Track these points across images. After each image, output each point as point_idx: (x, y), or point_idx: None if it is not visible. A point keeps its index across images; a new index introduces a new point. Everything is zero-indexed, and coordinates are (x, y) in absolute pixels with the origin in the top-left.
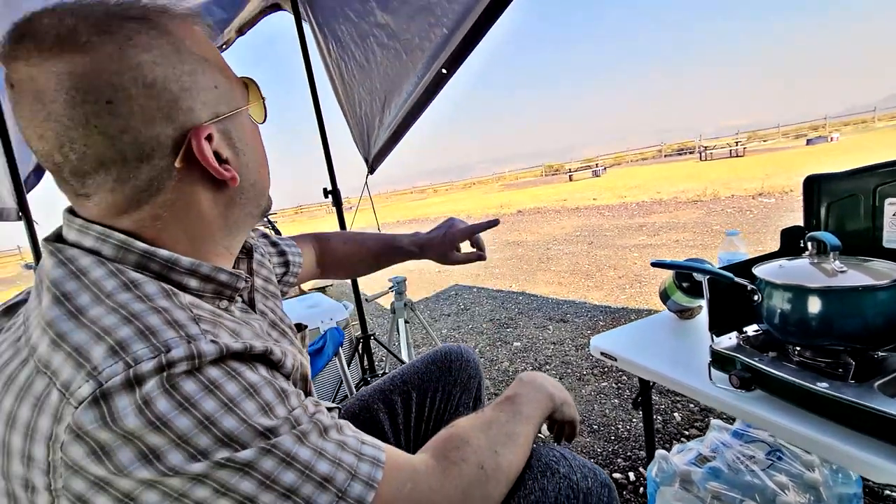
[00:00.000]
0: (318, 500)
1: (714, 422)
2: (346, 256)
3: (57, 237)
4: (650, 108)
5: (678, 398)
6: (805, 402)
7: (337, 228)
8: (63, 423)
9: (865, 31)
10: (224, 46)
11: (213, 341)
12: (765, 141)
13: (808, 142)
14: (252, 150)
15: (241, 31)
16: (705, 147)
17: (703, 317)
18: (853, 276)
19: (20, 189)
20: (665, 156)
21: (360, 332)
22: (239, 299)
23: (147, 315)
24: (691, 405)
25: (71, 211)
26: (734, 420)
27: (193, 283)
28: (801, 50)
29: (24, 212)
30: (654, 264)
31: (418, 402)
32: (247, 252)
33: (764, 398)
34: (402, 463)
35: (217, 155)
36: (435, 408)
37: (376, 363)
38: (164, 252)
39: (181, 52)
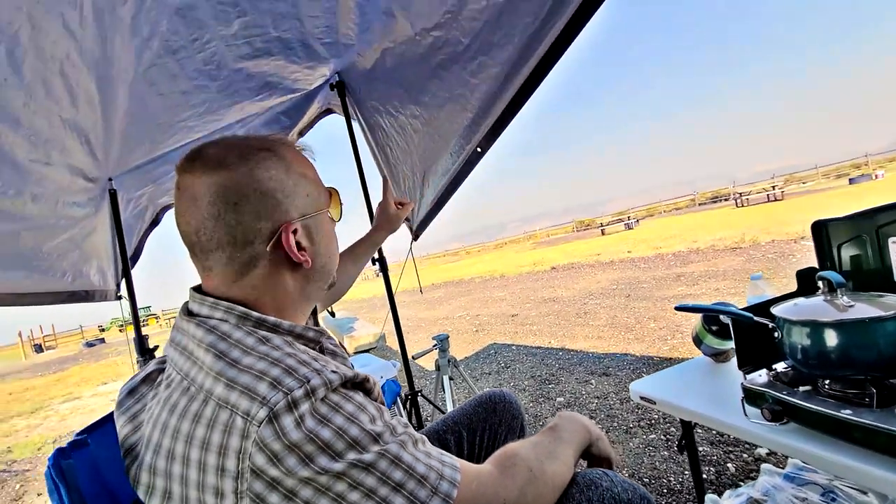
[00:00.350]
0: (418, 494)
1: (764, 466)
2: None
3: (188, 312)
4: (679, 158)
5: (731, 448)
6: (833, 429)
7: (384, 291)
8: (250, 439)
9: None
10: None
11: (333, 371)
12: (804, 183)
13: (851, 181)
14: (326, 241)
15: (301, 134)
16: (740, 193)
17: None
18: (861, 309)
19: (129, 275)
20: (699, 204)
21: (407, 390)
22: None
23: (284, 359)
24: (745, 455)
25: (196, 289)
26: (785, 464)
27: (291, 338)
28: (835, 89)
29: (129, 290)
30: (678, 308)
31: (469, 440)
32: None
33: (796, 430)
34: (470, 469)
35: (298, 243)
36: (484, 446)
37: (424, 419)
38: (271, 318)
39: (289, 170)
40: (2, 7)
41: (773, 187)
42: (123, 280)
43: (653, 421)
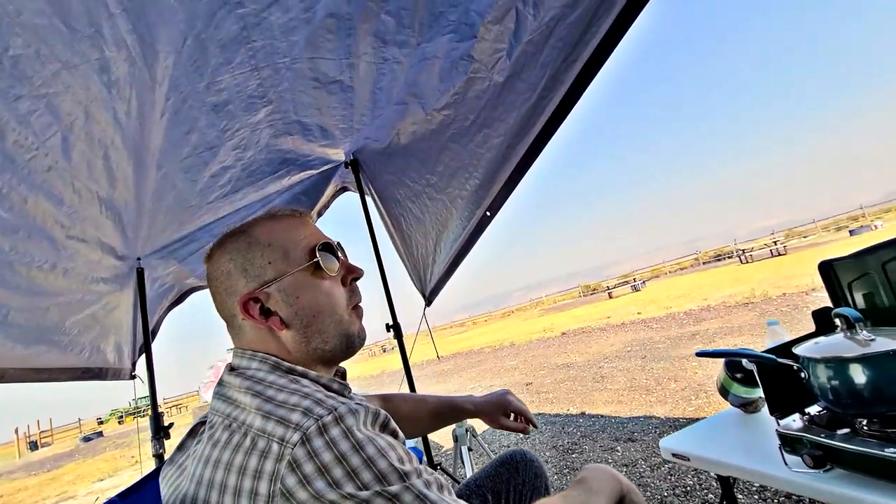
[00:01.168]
0: None
1: None
2: (409, 413)
3: (231, 368)
4: (679, 219)
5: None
6: (880, 471)
7: (392, 367)
8: (284, 461)
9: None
10: None
11: (358, 404)
12: (805, 237)
13: (851, 233)
14: (311, 297)
15: (319, 213)
16: (743, 250)
17: None
18: (883, 343)
19: (149, 351)
20: (703, 263)
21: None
22: None
23: (314, 393)
24: None
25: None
26: None
27: (319, 386)
28: (824, 144)
29: (149, 366)
30: (699, 354)
31: (494, 502)
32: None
33: (842, 476)
34: None
35: (269, 310)
36: None
37: None
38: (299, 368)
39: (250, 246)
40: (65, 100)
41: (776, 242)
42: (141, 357)
43: (688, 488)
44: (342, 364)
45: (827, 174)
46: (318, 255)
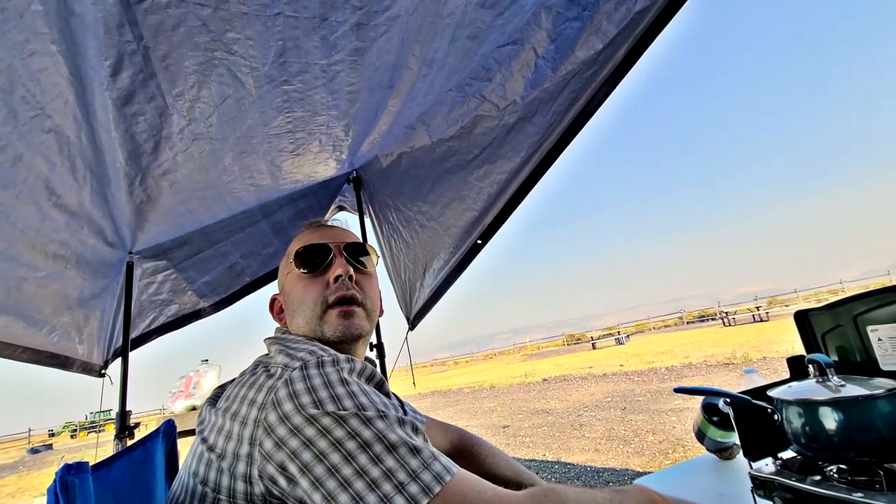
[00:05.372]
0: (409, 462)
1: None
2: (489, 468)
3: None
4: (665, 279)
5: None
6: None
7: None
8: (281, 379)
9: (867, 197)
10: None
11: (362, 362)
12: (787, 306)
13: None
14: (289, 296)
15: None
16: (727, 312)
17: None
18: (853, 388)
19: (126, 356)
20: (687, 322)
21: None
22: None
23: (320, 349)
24: None
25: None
26: None
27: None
28: (811, 218)
29: (123, 370)
30: (676, 390)
31: None
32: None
33: None
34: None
35: (282, 308)
36: None
37: None
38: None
39: (284, 258)
40: (75, 64)
41: (758, 308)
42: (116, 360)
43: None
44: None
45: (812, 247)
46: (294, 258)
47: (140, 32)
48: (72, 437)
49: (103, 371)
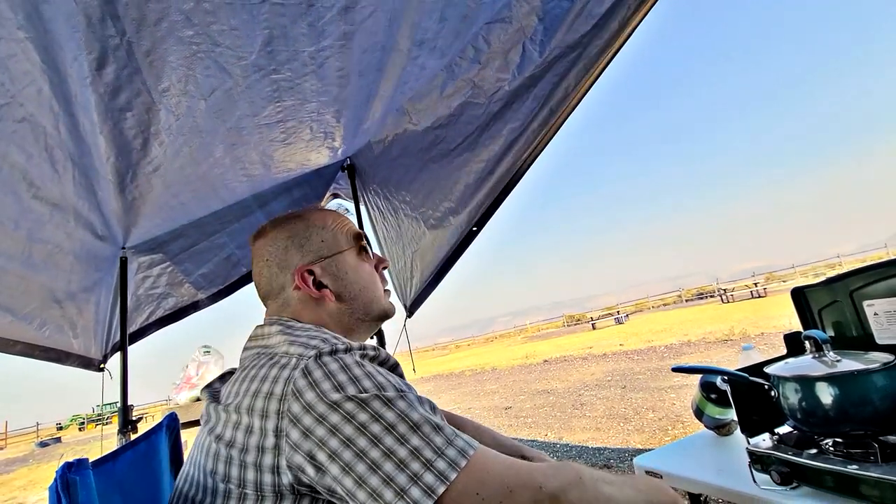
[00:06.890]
0: (434, 439)
1: None
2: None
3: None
4: (663, 257)
5: None
6: (843, 488)
7: None
8: (298, 369)
9: (866, 172)
10: None
11: (374, 349)
12: (784, 281)
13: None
14: (353, 276)
15: None
16: (725, 290)
17: None
18: (848, 364)
19: (125, 350)
20: (686, 300)
21: None
22: None
23: (332, 337)
24: None
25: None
26: None
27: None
28: (807, 193)
29: (123, 365)
30: (674, 369)
31: None
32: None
33: (808, 493)
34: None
35: (320, 282)
36: None
37: None
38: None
39: (308, 225)
40: (44, 52)
41: (756, 284)
42: (116, 355)
43: None
44: None
45: (809, 223)
46: (363, 241)
47: (123, 27)
48: (80, 429)
49: (102, 366)
